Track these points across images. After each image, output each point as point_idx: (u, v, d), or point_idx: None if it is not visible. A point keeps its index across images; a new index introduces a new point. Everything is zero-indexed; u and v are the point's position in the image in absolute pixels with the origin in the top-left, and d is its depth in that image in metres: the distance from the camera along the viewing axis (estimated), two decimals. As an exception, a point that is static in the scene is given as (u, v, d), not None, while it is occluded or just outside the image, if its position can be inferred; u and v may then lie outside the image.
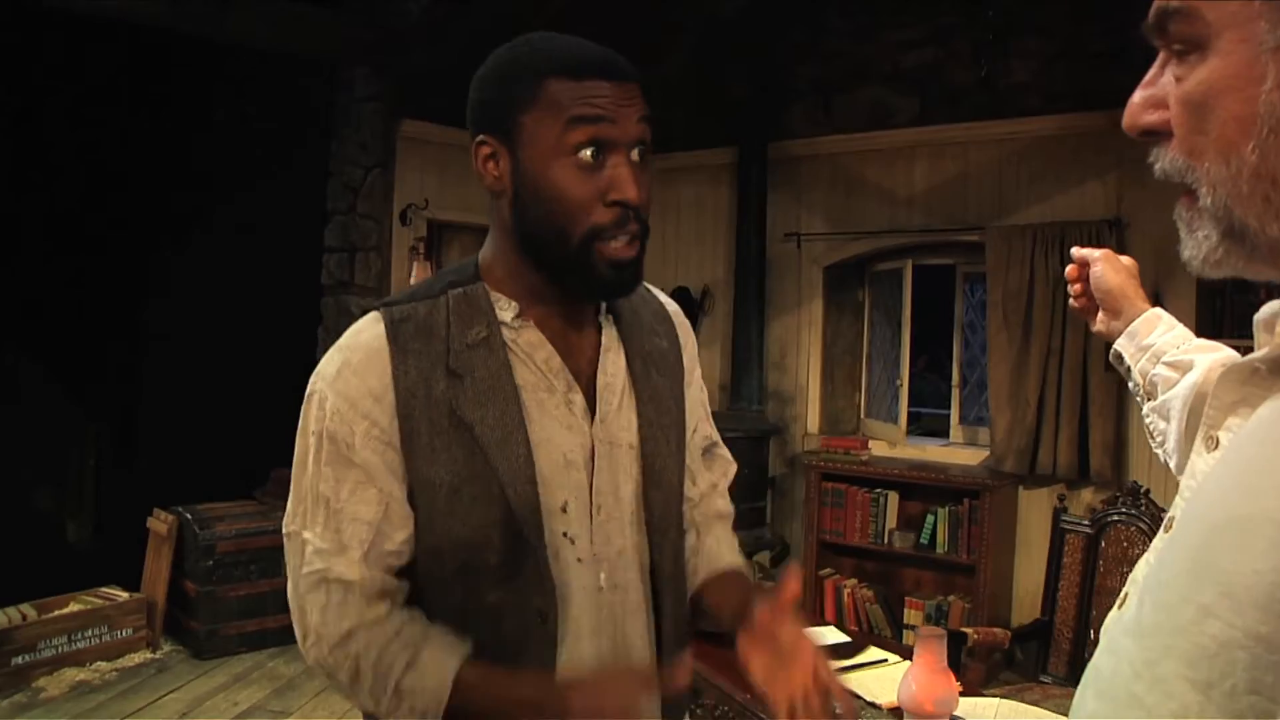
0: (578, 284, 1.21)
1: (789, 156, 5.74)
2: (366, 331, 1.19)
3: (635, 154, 1.17)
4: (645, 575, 1.30)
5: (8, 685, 4.25)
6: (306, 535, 1.18)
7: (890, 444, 5.50)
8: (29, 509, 6.01)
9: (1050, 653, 3.26)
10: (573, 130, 1.13)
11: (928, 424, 6.24)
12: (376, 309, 1.22)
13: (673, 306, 1.45)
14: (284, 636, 4.83)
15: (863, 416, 5.90)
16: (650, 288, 1.41)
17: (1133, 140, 0.69)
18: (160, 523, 4.88)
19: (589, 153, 1.14)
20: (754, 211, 5.72)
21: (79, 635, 4.50)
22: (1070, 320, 4.69)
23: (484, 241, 1.29)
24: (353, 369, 1.17)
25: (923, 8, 5.25)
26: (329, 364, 1.19)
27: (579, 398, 1.24)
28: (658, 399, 1.31)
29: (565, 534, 1.22)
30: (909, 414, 5.62)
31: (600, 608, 1.24)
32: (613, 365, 1.28)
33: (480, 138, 1.20)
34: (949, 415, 5.68)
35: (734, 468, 1.53)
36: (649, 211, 1.20)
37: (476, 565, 1.17)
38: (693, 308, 6.09)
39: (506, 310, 1.22)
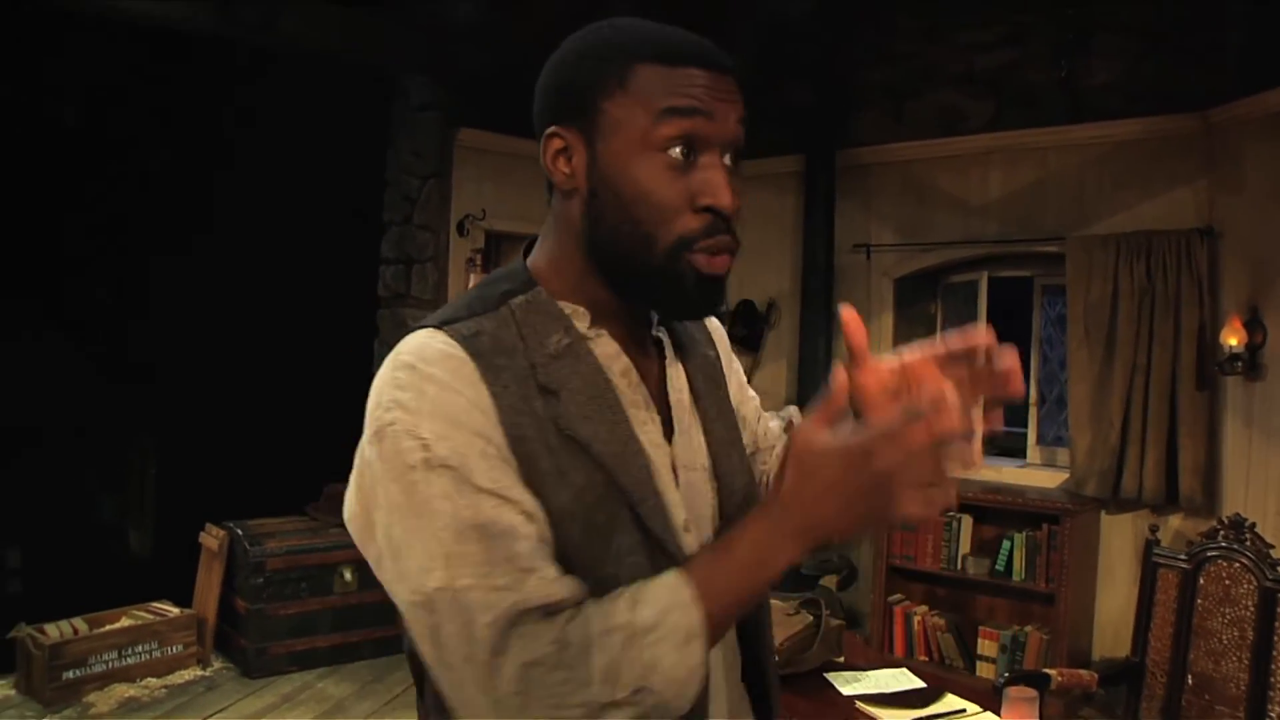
0: (660, 301, 1.07)
1: (858, 164, 5.53)
2: (432, 346, 0.97)
3: (728, 157, 1.02)
4: None
5: (58, 699, 4.22)
6: (464, 582, 0.89)
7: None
8: (93, 517, 6.05)
9: (1141, 698, 3.00)
10: (664, 123, 0.98)
11: (1003, 443, 5.95)
12: (429, 328, 1.00)
13: None
14: (334, 656, 4.76)
15: (934, 435, 5.64)
16: None
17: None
18: (212, 538, 4.83)
19: (679, 150, 0.99)
20: (821, 221, 5.51)
21: (129, 651, 4.45)
22: (1157, 335, 4.41)
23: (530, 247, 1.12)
24: (440, 385, 0.94)
25: (997, 6, 5.01)
26: (403, 390, 0.94)
27: (656, 416, 1.09)
28: (723, 416, 1.18)
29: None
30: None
31: None
32: (679, 382, 1.15)
33: (551, 130, 1.03)
34: (1025, 434, 5.41)
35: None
36: (739, 223, 1.04)
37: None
38: (758, 321, 5.91)
39: (581, 319, 1.05)
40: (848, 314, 0.98)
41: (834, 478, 0.89)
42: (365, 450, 0.96)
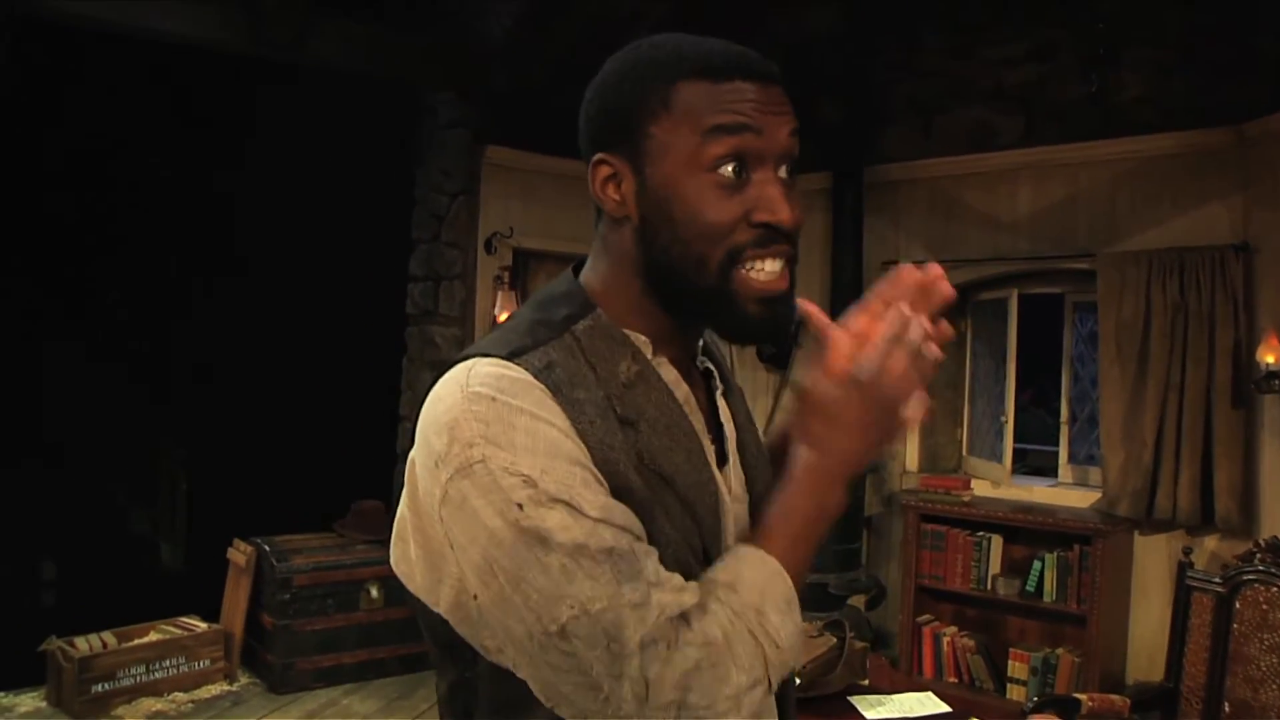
0: (722, 324, 1.04)
1: (886, 181, 5.51)
2: (509, 376, 0.92)
3: (784, 170, 0.99)
4: None
5: (87, 713, 4.24)
6: (600, 606, 0.87)
7: (994, 483, 5.19)
8: (126, 532, 6.10)
9: (1175, 724, 2.94)
10: (712, 142, 0.95)
11: (1034, 461, 5.90)
12: (495, 358, 0.95)
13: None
14: (360, 672, 4.76)
15: (965, 454, 5.59)
16: None
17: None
18: (239, 553, 4.85)
19: (731, 168, 0.96)
20: (850, 238, 5.49)
21: (157, 665, 4.47)
22: (1191, 353, 4.35)
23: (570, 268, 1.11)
24: (531, 416, 0.90)
25: (1026, 21, 4.96)
26: (487, 425, 0.90)
27: (711, 446, 1.07)
28: (760, 450, 1.16)
29: None
30: (1014, 451, 5.30)
31: None
32: (726, 412, 1.13)
33: (599, 157, 1.01)
34: (1057, 453, 5.34)
35: None
36: (799, 238, 1.02)
37: None
38: (787, 340, 5.86)
39: (644, 346, 1.03)
40: (807, 305, 1.05)
41: (856, 415, 0.99)
42: (445, 489, 0.90)
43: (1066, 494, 5.02)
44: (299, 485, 5.24)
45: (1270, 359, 4.02)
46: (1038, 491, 5.11)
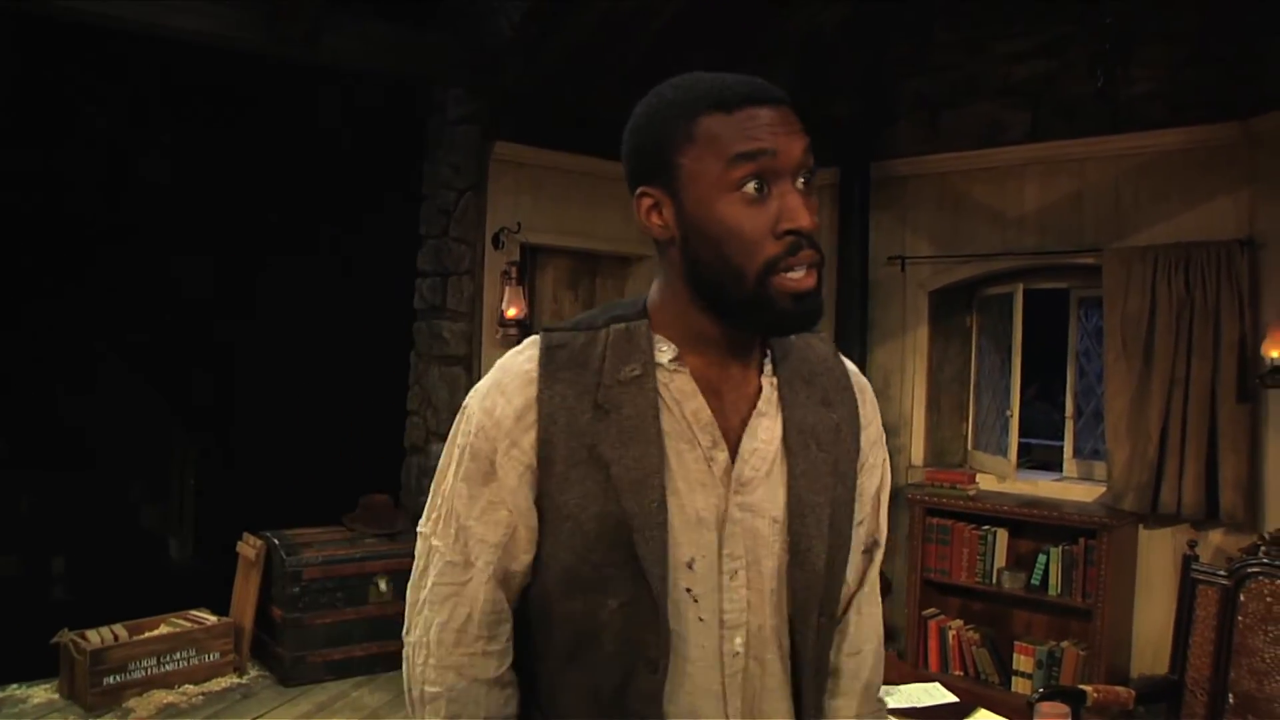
0: (760, 323, 1.17)
1: (893, 176, 5.51)
2: (522, 354, 1.20)
3: (800, 181, 1.13)
4: (786, 658, 1.21)
5: (100, 705, 4.28)
6: (436, 543, 1.20)
7: (999, 478, 5.20)
8: (135, 526, 6.14)
9: (1181, 717, 2.96)
10: (735, 168, 1.09)
11: (1039, 456, 5.91)
12: (542, 332, 1.22)
13: (860, 380, 1.35)
14: (370, 665, 4.79)
15: (970, 448, 5.61)
16: (840, 354, 1.35)
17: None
18: (249, 547, 4.88)
19: (753, 186, 1.10)
20: (856, 234, 5.50)
21: (168, 658, 4.51)
22: (1196, 348, 4.36)
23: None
24: (500, 389, 1.18)
25: (1035, 17, 4.99)
26: (484, 382, 1.21)
27: (723, 456, 1.18)
28: (812, 475, 1.22)
29: (689, 590, 1.16)
30: (1019, 445, 5.32)
31: (733, 674, 1.18)
32: (765, 432, 1.21)
33: (640, 190, 1.17)
34: (1062, 447, 5.36)
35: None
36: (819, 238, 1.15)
37: (594, 606, 1.14)
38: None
39: (665, 352, 1.18)
40: None
41: None
42: None
43: (1071, 488, 5.04)
44: (308, 479, 5.27)
45: (1275, 353, 4.03)
46: (1043, 486, 5.13)
